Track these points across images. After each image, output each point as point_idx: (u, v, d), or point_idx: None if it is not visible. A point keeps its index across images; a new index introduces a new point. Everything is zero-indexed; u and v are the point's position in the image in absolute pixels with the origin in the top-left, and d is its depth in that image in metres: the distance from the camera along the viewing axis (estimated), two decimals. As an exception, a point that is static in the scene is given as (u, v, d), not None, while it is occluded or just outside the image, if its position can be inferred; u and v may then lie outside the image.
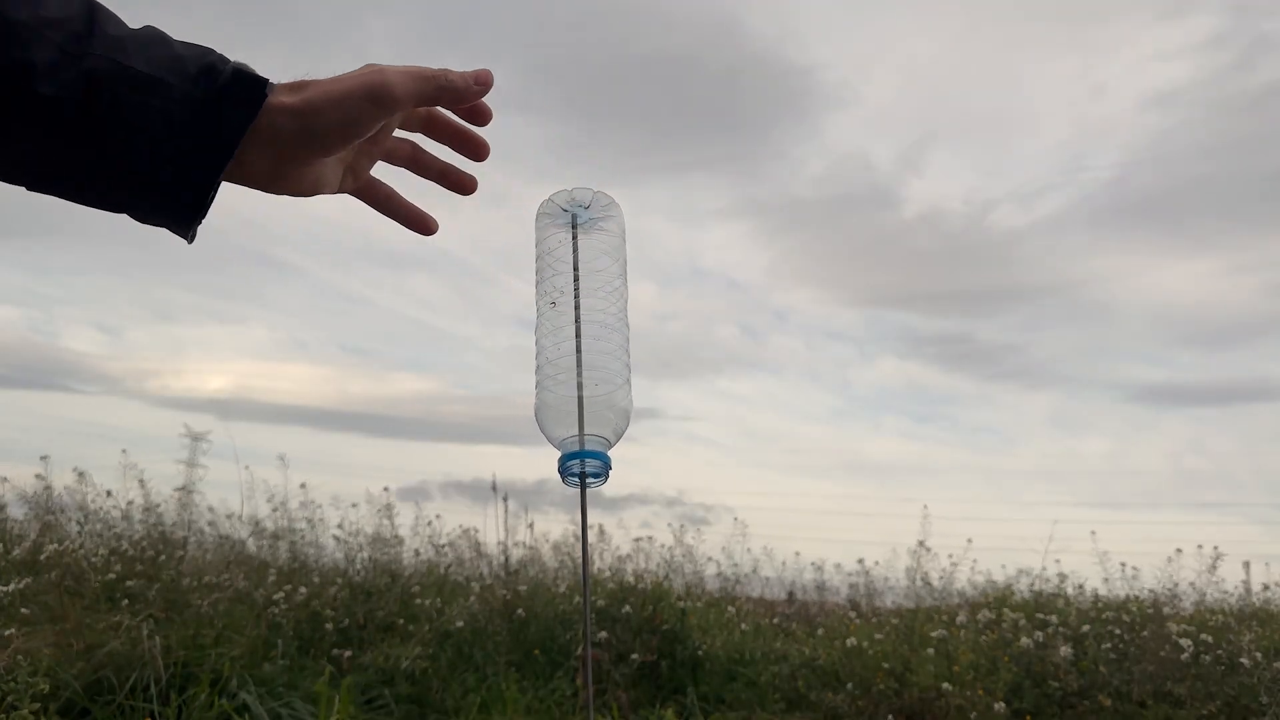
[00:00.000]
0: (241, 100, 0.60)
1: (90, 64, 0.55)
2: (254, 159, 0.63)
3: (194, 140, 0.58)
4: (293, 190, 0.68)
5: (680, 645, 6.29)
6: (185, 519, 8.10)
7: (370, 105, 0.64)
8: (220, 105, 0.59)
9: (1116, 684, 5.36)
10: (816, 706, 5.60)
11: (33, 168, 0.57)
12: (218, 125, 0.59)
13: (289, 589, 6.20)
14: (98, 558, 5.93)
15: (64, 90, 0.54)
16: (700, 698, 5.92)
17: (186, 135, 0.58)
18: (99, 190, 0.59)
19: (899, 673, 5.60)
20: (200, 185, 0.60)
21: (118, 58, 0.56)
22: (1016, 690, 5.41)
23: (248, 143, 0.61)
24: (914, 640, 5.95)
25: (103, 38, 0.56)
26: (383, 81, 0.65)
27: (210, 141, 0.59)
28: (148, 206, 0.61)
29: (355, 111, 0.64)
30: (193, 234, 0.63)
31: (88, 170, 0.57)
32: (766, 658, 6.41)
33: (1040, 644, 5.69)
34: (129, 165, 0.57)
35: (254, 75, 0.62)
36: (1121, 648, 5.76)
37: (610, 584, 7.00)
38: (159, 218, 0.62)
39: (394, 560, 7.55)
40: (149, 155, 0.57)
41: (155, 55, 0.58)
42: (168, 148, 0.57)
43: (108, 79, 0.55)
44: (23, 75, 0.52)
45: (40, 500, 7.62)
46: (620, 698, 5.79)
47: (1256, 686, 5.08)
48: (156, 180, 0.58)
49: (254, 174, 0.65)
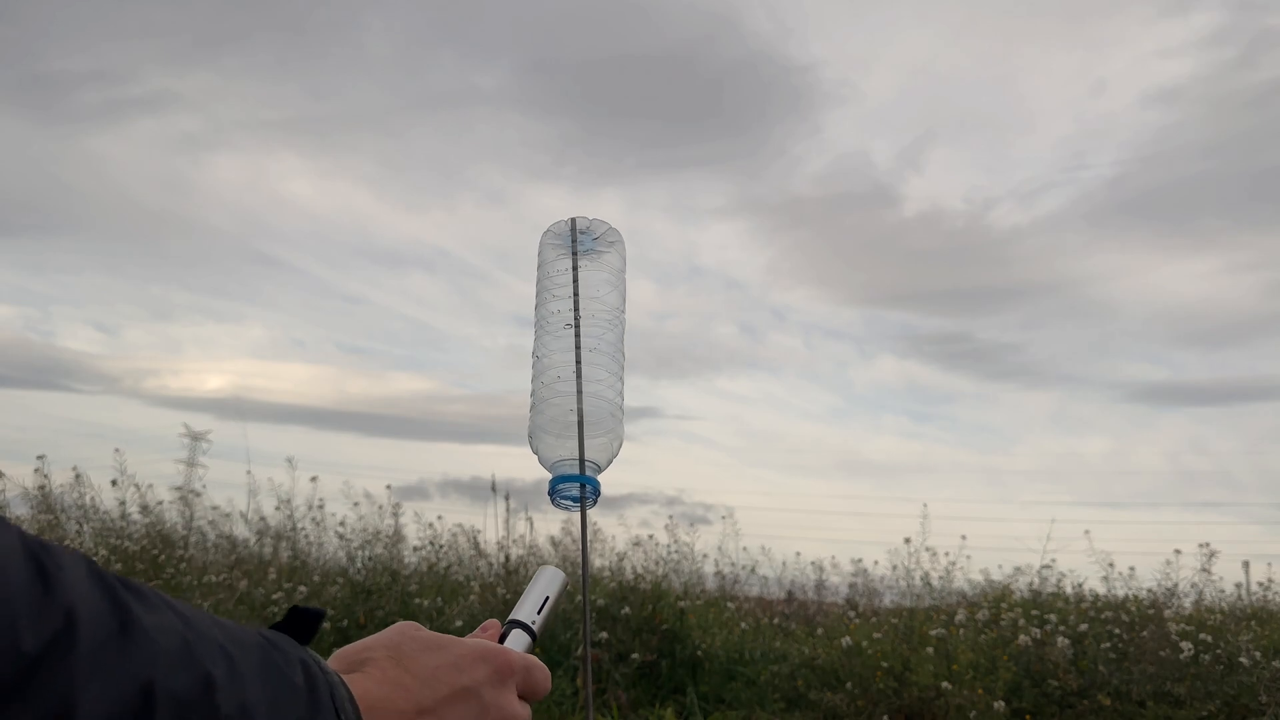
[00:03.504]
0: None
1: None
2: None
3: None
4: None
5: (680, 645, 6.30)
6: (185, 518, 8.11)
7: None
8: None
9: (1116, 683, 5.36)
10: (816, 706, 5.60)
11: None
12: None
13: (289, 587, 6.21)
14: (98, 557, 5.93)
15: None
16: (700, 697, 5.93)
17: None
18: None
19: (898, 672, 5.61)
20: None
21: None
22: (1016, 689, 5.42)
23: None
24: (913, 639, 5.96)
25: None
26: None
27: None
28: None
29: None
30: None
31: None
32: (766, 657, 6.42)
33: (1039, 643, 5.70)
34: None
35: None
36: (1121, 647, 5.77)
37: (610, 583, 7.01)
38: None
39: (394, 559, 7.56)
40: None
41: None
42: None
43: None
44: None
45: (39, 499, 7.63)
46: (620, 697, 5.80)
47: (1256, 686, 5.09)
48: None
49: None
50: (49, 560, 0.42)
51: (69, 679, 0.40)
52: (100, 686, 0.41)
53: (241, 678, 0.49)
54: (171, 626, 0.47)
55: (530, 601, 0.74)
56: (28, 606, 0.40)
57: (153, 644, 0.45)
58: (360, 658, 0.61)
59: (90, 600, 0.43)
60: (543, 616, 0.74)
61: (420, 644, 0.63)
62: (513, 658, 0.65)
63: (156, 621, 0.46)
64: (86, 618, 0.42)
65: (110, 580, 0.46)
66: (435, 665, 0.61)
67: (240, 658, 0.50)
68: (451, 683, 0.61)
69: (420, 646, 0.63)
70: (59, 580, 0.42)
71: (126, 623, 0.44)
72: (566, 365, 0.77)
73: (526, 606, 0.74)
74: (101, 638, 0.43)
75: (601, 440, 0.77)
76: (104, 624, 0.43)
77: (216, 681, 0.47)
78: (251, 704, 0.49)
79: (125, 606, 0.45)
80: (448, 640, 0.64)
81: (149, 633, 0.45)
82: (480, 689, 0.62)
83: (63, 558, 0.44)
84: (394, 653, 0.62)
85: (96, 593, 0.44)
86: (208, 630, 0.49)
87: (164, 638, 0.46)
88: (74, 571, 0.44)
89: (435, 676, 0.61)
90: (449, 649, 0.63)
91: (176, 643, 0.46)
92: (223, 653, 0.49)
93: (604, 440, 0.77)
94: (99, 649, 0.42)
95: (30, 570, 0.41)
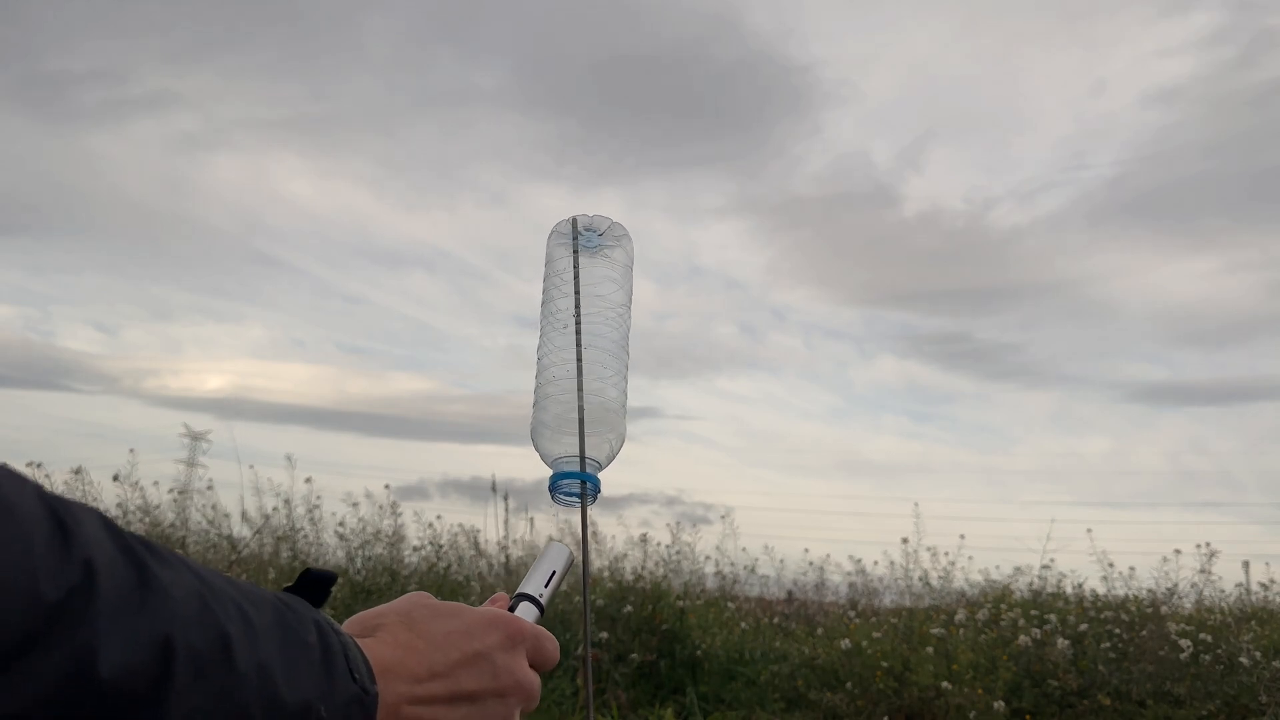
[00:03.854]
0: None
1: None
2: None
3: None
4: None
5: (679, 645, 6.30)
6: (184, 518, 8.11)
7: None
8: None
9: (1116, 683, 5.36)
10: (816, 706, 5.60)
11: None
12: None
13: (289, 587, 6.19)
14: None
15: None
16: (700, 697, 5.93)
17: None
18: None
19: (898, 672, 5.61)
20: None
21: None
22: (1016, 689, 5.42)
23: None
24: (913, 639, 5.96)
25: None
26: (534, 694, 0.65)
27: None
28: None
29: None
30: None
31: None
32: (766, 657, 6.41)
33: (1039, 643, 5.70)
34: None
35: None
36: (1121, 647, 5.77)
37: (609, 583, 7.01)
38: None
39: (394, 559, 7.56)
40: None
41: None
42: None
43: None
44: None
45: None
46: (620, 697, 5.80)
47: (1256, 686, 5.09)
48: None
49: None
50: (66, 514, 0.43)
51: (90, 629, 0.41)
52: (121, 637, 0.42)
53: (257, 636, 0.49)
54: (188, 583, 0.47)
55: (538, 575, 0.75)
56: (48, 558, 0.40)
57: (170, 599, 0.45)
58: (373, 623, 0.62)
59: (108, 553, 0.44)
60: (549, 590, 0.74)
61: (432, 610, 0.63)
62: (524, 625, 0.66)
63: (173, 577, 0.46)
64: (106, 570, 0.42)
65: (127, 536, 0.46)
66: (447, 631, 0.62)
67: (256, 617, 0.50)
68: (463, 647, 0.61)
69: (432, 613, 0.63)
70: (77, 534, 0.42)
71: (144, 578, 0.44)
72: (567, 362, 0.77)
73: (535, 580, 0.74)
74: (121, 590, 0.43)
75: (602, 437, 0.77)
76: (123, 577, 0.43)
77: (233, 639, 0.47)
78: (267, 662, 0.49)
79: (143, 562, 0.45)
80: (459, 607, 0.65)
81: (167, 588, 0.45)
82: (492, 654, 0.63)
83: (80, 513, 0.44)
84: (406, 619, 0.62)
85: (114, 547, 0.44)
86: (223, 589, 0.49)
87: (181, 593, 0.46)
88: (91, 526, 0.44)
89: (447, 641, 0.61)
90: (461, 615, 0.64)
91: (194, 599, 0.46)
92: (239, 611, 0.49)
93: (605, 437, 0.77)
94: (119, 601, 0.42)
95: (50, 524, 0.41)
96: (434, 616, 0.63)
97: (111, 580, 0.43)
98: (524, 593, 0.73)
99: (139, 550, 0.46)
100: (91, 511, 0.45)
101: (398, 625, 0.61)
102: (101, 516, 0.46)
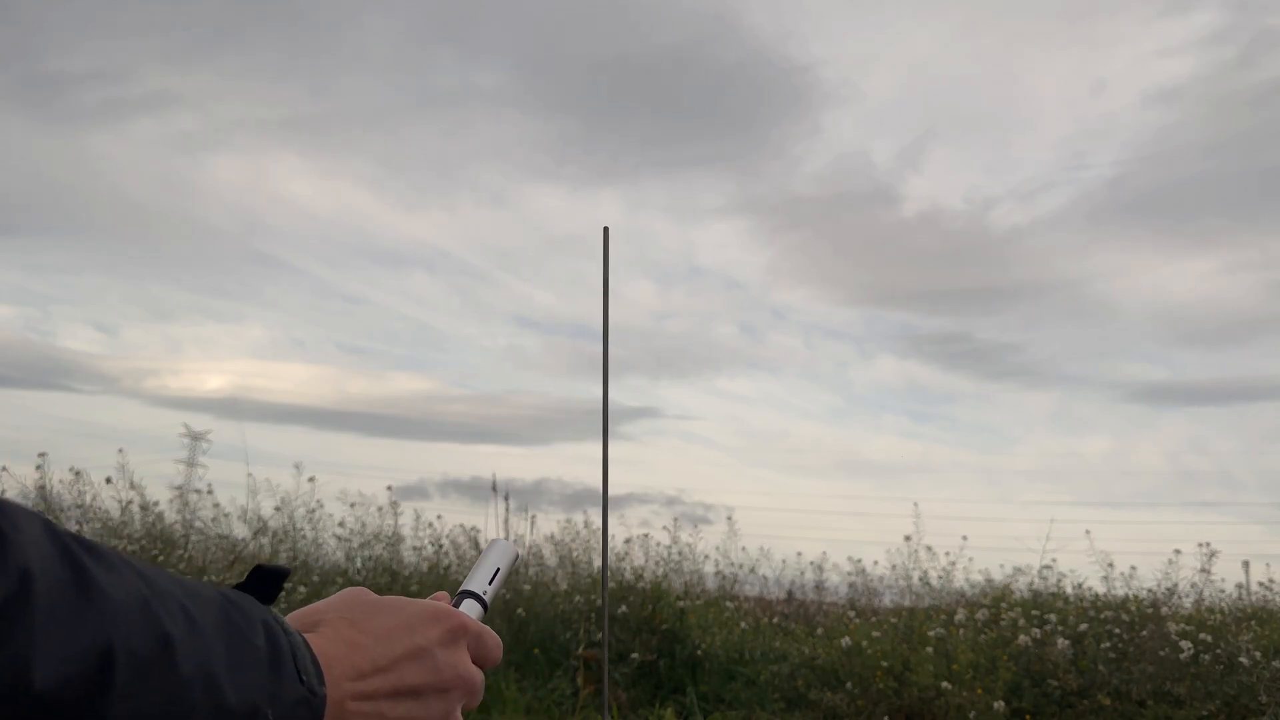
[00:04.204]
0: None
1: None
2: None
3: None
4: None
5: (679, 644, 6.30)
6: (185, 518, 8.11)
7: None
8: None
9: (1116, 683, 5.36)
10: (816, 705, 5.60)
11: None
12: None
13: (288, 587, 6.20)
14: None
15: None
16: (699, 697, 5.93)
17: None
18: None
19: (898, 672, 5.61)
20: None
21: None
22: (1016, 689, 5.42)
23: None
24: (913, 639, 5.96)
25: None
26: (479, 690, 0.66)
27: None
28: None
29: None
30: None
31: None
32: (766, 657, 6.41)
33: (1039, 643, 5.70)
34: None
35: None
36: (1121, 647, 5.77)
37: (609, 583, 7.01)
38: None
39: (394, 559, 7.56)
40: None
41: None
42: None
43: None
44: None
45: (38, 498, 7.64)
46: (620, 697, 5.80)
47: (1256, 686, 5.09)
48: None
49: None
50: (3, 520, 0.42)
51: (25, 640, 0.40)
52: (57, 646, 0.41)
53: (201, 636, 0.48)
54: (130, 585, 0.46)
55: (482, 573, 0.75)
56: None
57: (110, 603, 0.44)
58: (313, 619, 0.62)
59: (46, 560, 0.43)
60: (493, 587, 0.74)
61: (372, 605, 0.63)
62: (465, 620, 0.66)
63: (114, 580, 0.45)
64: (42, 578, 0.42)
65: (67, 539, 0.45)
66: (389, 625, 0.62)
67: (201, 617, 0.49)
68: (405, 642, 0.61)
69: (373, 608, 0.63)
70: (13, 540, 0.41)
71: (84, 582, 0.44)
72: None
73: (478, 577, 0.74)
74: (58, 598, 0.42)
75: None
76: (60, 584, 0.42)
77: (175, 640, 0.46)
78: (211, 663, 0.48)
79: (82, 566, 0.44)
80: (400, 601, 0.65)
81: (106, 592, 0.44)
82: (433, 649, 0.62)
83: (18, 518, 0.43)
84: (347, 614, 0.62)
85: (53, 552, 0.43)
86: (167, 588, 0.49)
87: (122, 596, 0.45)
88: (29, 531, 0.43)
89: (389, 636, 0.61)
90: (401, 610, 0.63)
91: (135, 601, 0.46)
92: (183, 612, 0.48)
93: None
94: (55, 609, 0.42)
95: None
96: (375, 611, 0.63)
97: (48, 588, 0.42)
98: (468, 589, 0.73)
99: (79, 554, 0.45)
100: (33, 516, 0.45)
101: (339, 621, 0.61)
102: (44, 520, 0.45)
